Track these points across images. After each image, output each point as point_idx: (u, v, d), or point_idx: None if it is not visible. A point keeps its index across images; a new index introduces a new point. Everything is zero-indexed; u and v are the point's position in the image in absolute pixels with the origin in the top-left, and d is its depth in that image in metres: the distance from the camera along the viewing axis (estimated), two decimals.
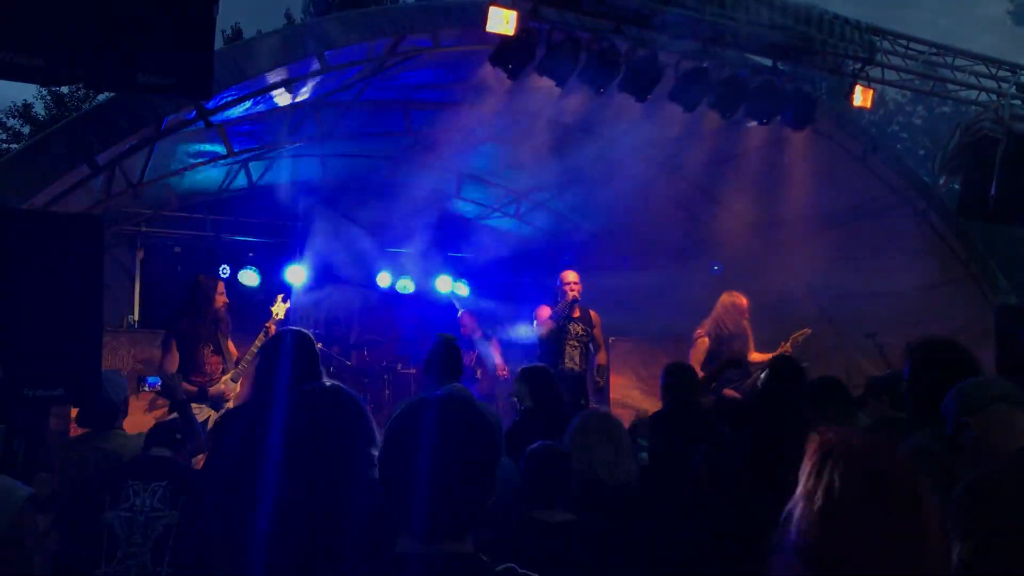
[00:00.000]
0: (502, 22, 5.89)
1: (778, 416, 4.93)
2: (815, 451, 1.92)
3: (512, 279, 11.55)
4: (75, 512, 3.54)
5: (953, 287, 8.73)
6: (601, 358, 7.81)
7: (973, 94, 8.22)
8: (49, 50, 4.08)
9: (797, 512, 1.88)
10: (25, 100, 25.03)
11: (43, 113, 25.31)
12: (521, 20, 5.95)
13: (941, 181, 9.31)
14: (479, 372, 9.36)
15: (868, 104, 7.34)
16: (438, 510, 1.69)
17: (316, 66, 5.81)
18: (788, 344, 7.47)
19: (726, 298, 7.41)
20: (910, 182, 8.32)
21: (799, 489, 1.91)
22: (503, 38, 6.05)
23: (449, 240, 12.09)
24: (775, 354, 7.24)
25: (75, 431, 5.81)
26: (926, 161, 26.20)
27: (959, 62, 7.95)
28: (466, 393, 1.89)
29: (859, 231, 8.92)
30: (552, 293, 7.91)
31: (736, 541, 3.95)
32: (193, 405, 5.98)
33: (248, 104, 6.03)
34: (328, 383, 2.54)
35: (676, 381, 5.24)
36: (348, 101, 7.24)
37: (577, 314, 7.60)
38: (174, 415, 4.72)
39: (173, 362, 6.09)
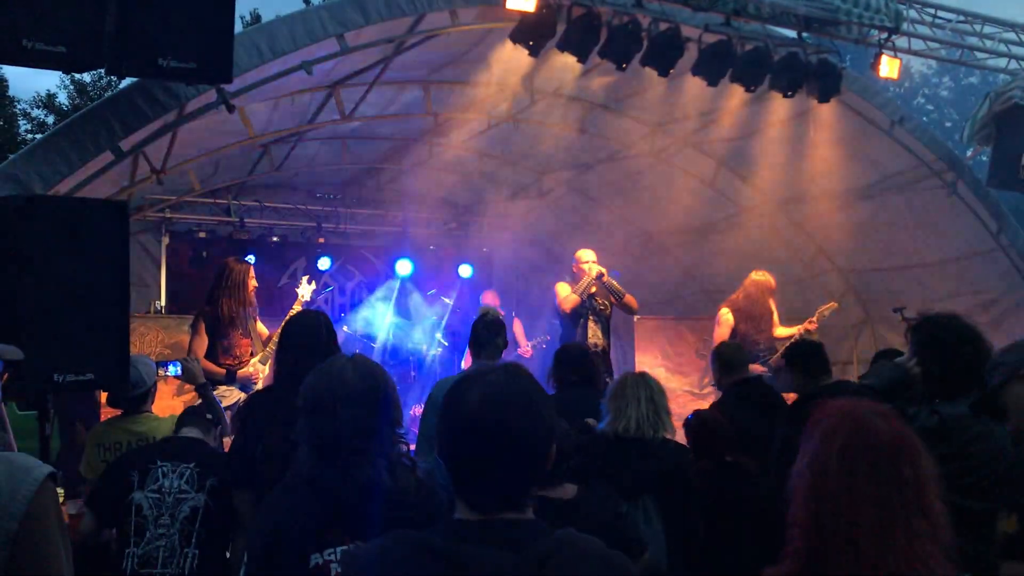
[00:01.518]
0: None
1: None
2: (816, 422, 1.90)
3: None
4: (105, 492, 3.58)
5: (984, 259, 8.60)
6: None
7: (1003, 62, 8.07)
8: (70, 37, 4.10)
9: (796, 484, 1.86)
10: (48, 90, 25.27)
11: (67, 103, 25.52)
12: None
13: (970, 152, 9.20)
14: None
15: (895, 75, 7.23)
16: (495, 483, 1.69)
17: (335, 48, 5.80)
18: (815, 318, 7.41)
19: (755, 276, 7.35)
20: (938, 153, 8.18)
21: (799, 460, 1.89)
22: (523, 15, 6.00)
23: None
24: (802, 328, 7.19)
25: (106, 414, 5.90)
26: (953, 133, 25.88)
27: (987, 29, 7.81)
28: (519, 367, 1.86)
29: (887, 204, 8.81)
30: (569, 273, 7.89)
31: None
32: (223, 387, 6.04)
33: (268, 88, 6.02)
34: (346, 356, 2.53)
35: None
36: (369, 82, 7.22)
37: (595, 289, 7.58)
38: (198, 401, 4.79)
39: (202, 345, 6.14)
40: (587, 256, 7.64)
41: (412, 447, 3.24)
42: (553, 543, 1.67)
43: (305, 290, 6.83)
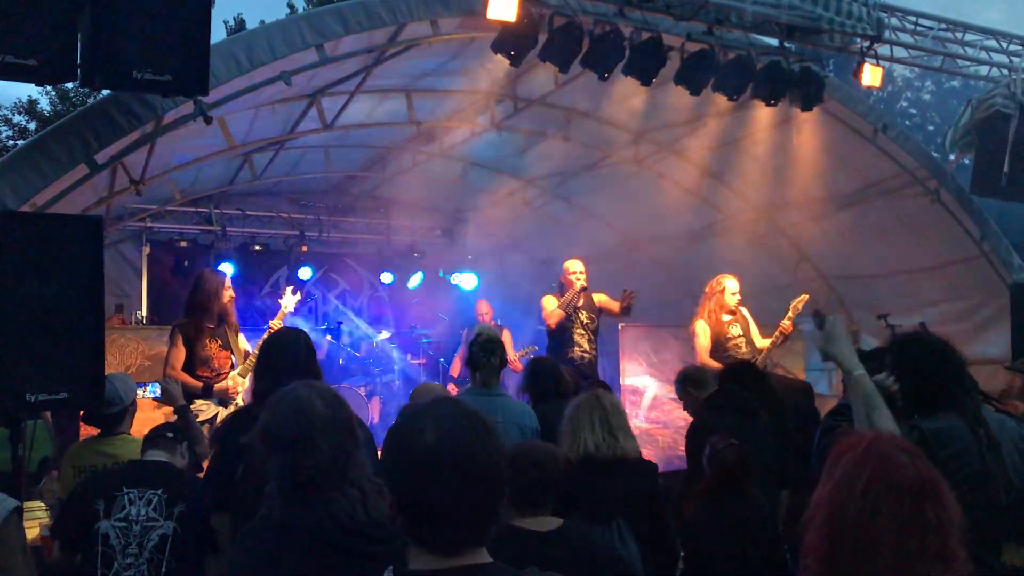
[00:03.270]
0: (503, 8, 5.81)
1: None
2: (840, 454, 1.84)
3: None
4: (70, 521, 3.50)
5: (966, 266, 8.63)
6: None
7: (984, 70, 8.09)
8: (42, 50, 4.03)
9: (815, 516, 1.82)
10: (30, 96, 25.00)
11: (48, 109, 25.31)
12: (523, 6, 5.86)
13: (952, 158, 9.20)
14: None
15: (877, 83, 7.24)
16: (456, 523, 1.63)
17: (315, 58, 5.74)
18: (789, 314, 7.36)
19: (713, 282, 7.33)
20: (921, 160, 8.20)
21: (820, 488, 1.84)
22: (505, 24, 5.97)
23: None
24: (777, 333, 7.15)
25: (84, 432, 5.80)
26: (936, 137, 25.99)
27: (969, 37, 7.82)
28: (466, 403, 1.80)
29: (870, 211, 8.82)
30: (556, 282, 7.87)
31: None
32: (200, 402, 5.96)
33: (249, 97, 5.96)
34: (305, 384, 2.48)
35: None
36: (351, 91, 7.17)
37: (582, 302, 7.56)
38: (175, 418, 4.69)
39: (180, 358, 6.06)
40: (574, 267, 7.61)
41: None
42: None
43: (289, 301, 6.76)
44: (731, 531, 3.96)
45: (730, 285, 7.21)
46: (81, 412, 5.56)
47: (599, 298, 7.75)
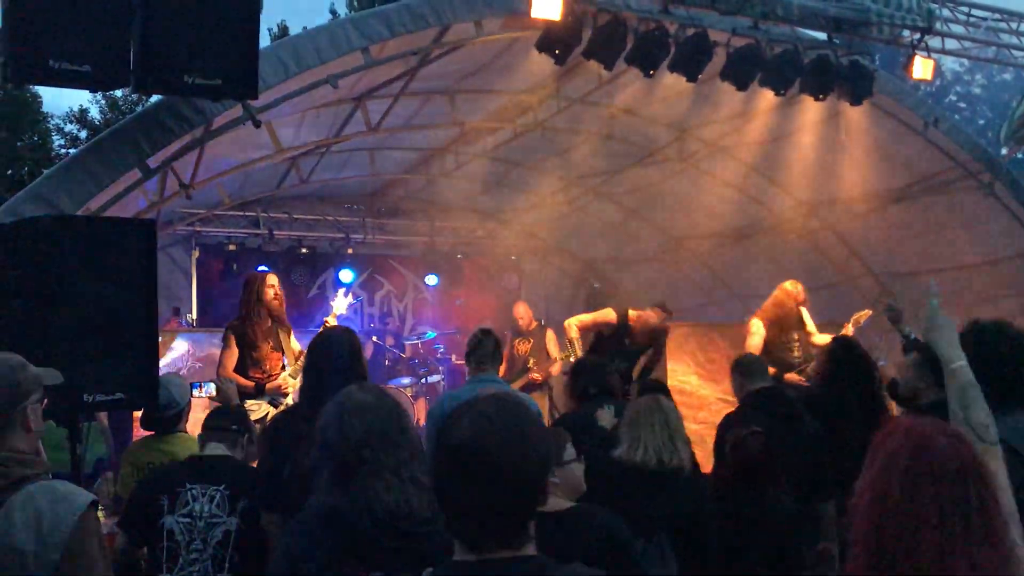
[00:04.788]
0: (548, 7, 5.81)
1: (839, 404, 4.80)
2: (880, 442, 1.83)
3: None
4: (136, 516, 3.56)
5: (1022, 261, 8.43)
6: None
7: None
8: (96, 56, 4.11)
9: (859, 503, 1.80)
10: (81, 105, 25.53)
11: (98, 117, 25.83)
12: (567, 4, 5.85)
13: (1006, 151, 9.01)
14: (532, 362, 9.28)
15: (928, 76, 7.11)
16: (490, 520, 1.63)
17: (361, 61, 5.78)
18: (849, 326, 7.27)
19: (785, 286, 7.19)
20: (974, 153, 8.03)
21: (863, 478, 1.83)
22: (549, 23, 5.96)
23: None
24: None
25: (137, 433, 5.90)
26: (986, 131, 25.46)
27: None
28: (511, 396, 1.80)
29: (921, 206, 8.66)
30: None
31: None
32: (251, 401, 6.02)
33: (296, 101, 6.02)
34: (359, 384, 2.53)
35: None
36: (395, 94, 7.21)
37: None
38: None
39: (232, 359, 6.13)
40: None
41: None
42: None
43: (340, 304, 6.80)
44: (738, 531, 3.74)
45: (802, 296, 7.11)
46: (138, 416, 5.66)
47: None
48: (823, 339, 7.12)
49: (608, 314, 7.40)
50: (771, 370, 6.41)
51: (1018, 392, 2.96)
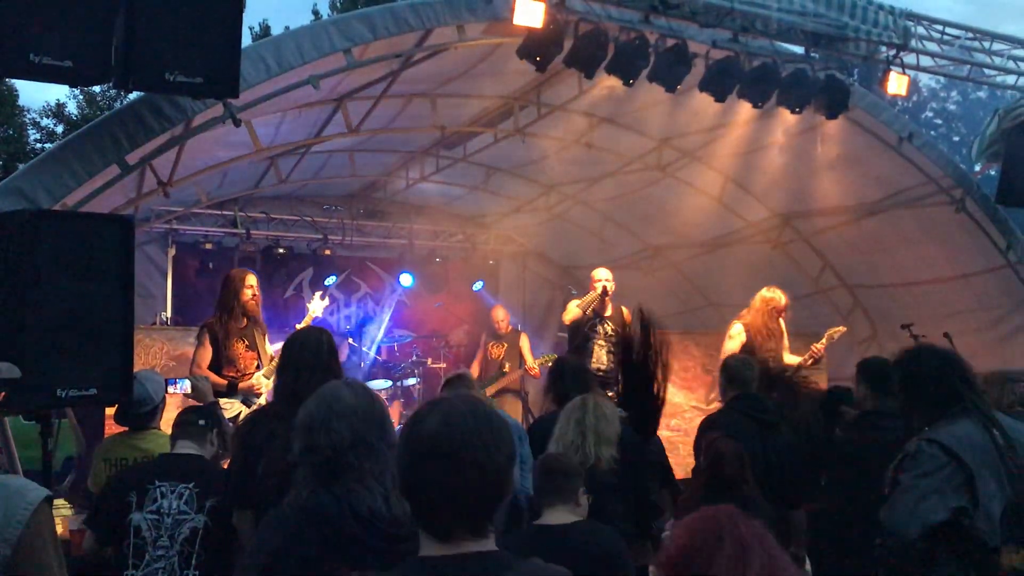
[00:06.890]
0: (530, 15, 5.85)
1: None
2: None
3: None
4: (103, 513, 3.55)
5: (992, 276, 8.57)
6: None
7: (1011, 79, 8.05)
8: (77, 51, 4.10)
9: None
10: (58, 100, 25.37)
11: (76, 112, 25.64)
12: (549, 12, 5.90)
13: (979, 168, 9.15)
14: (507, 367, 9.32)
15: (903, 91, 7.23)
16: (459, 509, 1.68)
17: (343, 62, 5.79)
18: (823, 342, 7.35)
19: (765, 293, 7.24)
20: (946, 170, 8.15)
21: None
22: (531, 30, 6.00)
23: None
24: (809, 355, 7.15)
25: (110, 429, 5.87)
26: (961, 147, 25.80)
27: (996, 46, 7.79)
28: (472, 398, 1.85)
29: (894, 220, 8.79)
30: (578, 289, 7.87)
31: None
32: (224, 400, 6.01)
33: (276, 101, 6.02)
34: (342, 381, 2.54)
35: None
36: (376, 96, 7.22)
37: (609, 312, 7.50)
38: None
39: (206, 357, 6.12)
40: (600, 274, 7.52)
41: None
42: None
43: (317, 306, 6.80)
44: None
45: (782, 303, 7.15)
46: (112, 412, 5.64)
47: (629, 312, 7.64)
48: (793, 359, 7.21)
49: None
50: None
51: (956, 403, 3.14)
